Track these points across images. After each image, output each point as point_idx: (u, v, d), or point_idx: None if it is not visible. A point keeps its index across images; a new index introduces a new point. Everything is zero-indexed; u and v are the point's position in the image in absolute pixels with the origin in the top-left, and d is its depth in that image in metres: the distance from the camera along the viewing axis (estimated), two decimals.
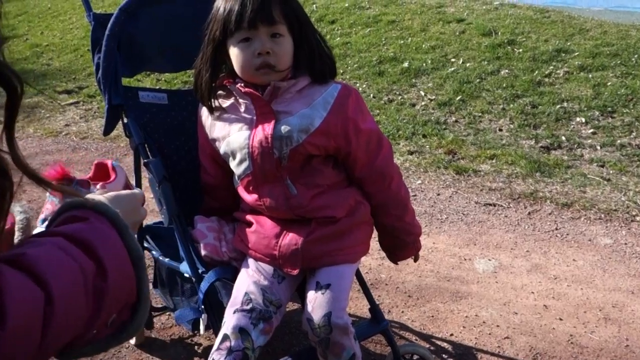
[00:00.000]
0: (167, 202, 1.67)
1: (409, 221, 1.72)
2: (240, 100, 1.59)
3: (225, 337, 1.51)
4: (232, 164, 1.62)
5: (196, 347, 2.13)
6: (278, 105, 1.56)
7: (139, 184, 2.00)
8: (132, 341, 2.13)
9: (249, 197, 1.63)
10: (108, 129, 1.80)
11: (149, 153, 1.76)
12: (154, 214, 2.98)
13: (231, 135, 1.60)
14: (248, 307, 1.53)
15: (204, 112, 1.67)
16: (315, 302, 1.52)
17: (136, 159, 1.84)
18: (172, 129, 1.85)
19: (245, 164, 1.58)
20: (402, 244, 1.76)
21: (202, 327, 1.65)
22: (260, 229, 1.62)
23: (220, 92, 1.63)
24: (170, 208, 1.67)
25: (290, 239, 1.58)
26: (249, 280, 1.59)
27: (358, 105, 1.60)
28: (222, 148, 1.62)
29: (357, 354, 1.55)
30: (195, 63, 1.63)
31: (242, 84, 1.57)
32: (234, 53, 1.54)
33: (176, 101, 1.87)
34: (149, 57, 1.85)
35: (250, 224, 1.65)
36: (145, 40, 1.80)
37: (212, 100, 1.62)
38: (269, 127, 1.54)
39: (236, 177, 1.64)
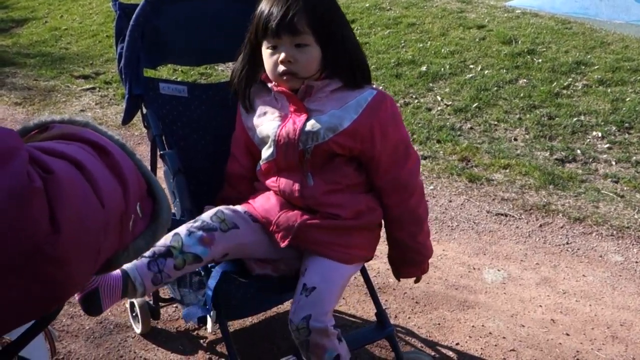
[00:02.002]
0: (181, 195, 1.67)
1: (422, 241, 1.71)
2: (277, 97, 1.63)
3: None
4: (262, 150, 1.67)
5: (201, 340, 2.14)
6: (311, 103, 1.59)
7: (154, 175, 2.01)
8: (138, 330, 2.14)
9: (267, 180, 1.67)
10: (127, 118, 1.81)
11: (165, 145, 1.76)
12: None
13: (263, 124, 1.65)
14: (192, 221, 1.58)
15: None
16: (298, 304, 1.54)
17: (153, 150, 1.85)
18: (190, 122, 1.85)
19: (270, 151, 1.63)
20: (409, 262, 1.76)
21: (209, 325, 1.66)
22: (270, 197, 1.66)
23: (259, 87, 1.68)
24: (183, 201, 1.67)
25: (292, 214, 1.61)
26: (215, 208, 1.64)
27: (392, 111, 1.61)
28: (256, 136, 1.67)
29: (343, 355, 1.56)
30: (236, 59, 1.69)
31: (276, 84, 1.61)
32: (264, 57, 1.60)
33: (196, 95, 1.87)
34: (172, 50, 1.86)
35: (262, 192, 1.69)
36: (170, 34, 1.80)
37: (247, 96, 1.68)
38: (299, 121, 1.58)
39: (260, 161, 1.67)
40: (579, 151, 3.71)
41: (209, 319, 1.63)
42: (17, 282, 0.50)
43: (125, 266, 1.51)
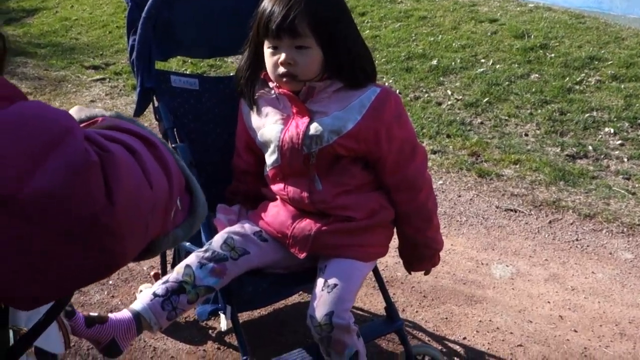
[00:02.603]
0: None
1: (431, 235, 1.72)
2: (279, 97, 1.61)
3: (171, 273, 1.57)
4: (266, 154, 1.65)
5: (210, 330, 2.15)
6: (314, 105, 1.57)
7: None
8: None
9: (275, 186, 1.66)
10: (139, 111, 1.82)
11: (177, 138, 1.77)
12: None
13: (265, 127, 1.64)
14: (203, 249, 1.58)
15: (244, 101, 1.71)
16: (319, 301, 1.54)
17: None
18: (201, 115, 1.86)
19: (274, 156, 1.61)
20: (419, 256, 1.76)
21: (223, 323, 1.67)
22: (280, 209, 1.65)
23: (261, 85, 1.65)
24: None
25: (306, 224, 1.61)
26: (224, 231, 1.64)
27: (397, 110, 1.59)
28: (257, 138, 1.66)
29: (361, 352, 1.57)
30: (240, 58, 1.68)
31: (277, 85, 1.60)
32: (265, 56, 1.58)
33: (207, 87, 1.88)
34: (183, 42, 1.86)
35: (272, 200, 1.69)
36: (181, 26, 1.81)
37: (251, 95, 1.66)
38: (302, 125, 1.56)
39: (266, 166, 1.67)
40: (590, 147, 3.69)
41: (222, 317, 1.65)
42: (76, 248, 0.55)
43: (139, 308, 1.53)
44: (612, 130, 3.85)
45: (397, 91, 4.59)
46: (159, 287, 1.54)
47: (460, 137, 3.87)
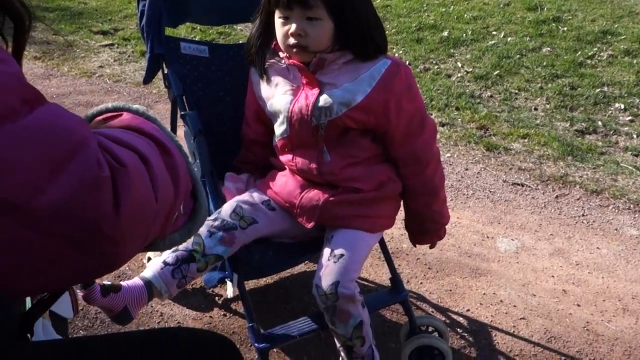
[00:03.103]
0: (201, 156, 1.68)
1: (437, 209, 1.72)
2: (289, 68, 1.60)
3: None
4: (275, 125, 1.65)
5: (216, 297, 2.18)
6: (324, 76, 1.56)
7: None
8: None
9: (283, 157, 1.67)
10: (148, 78, 1.81)
11: (186, 105, 1.77)
12: None
13: (275, 97, 1.63)
14: (212, 217, 1.59)
15: (254, 70, 1.69)
16: (326, 270, 1.55)
17: (173, 111, 1.86)
18: (211, 83, 1.85)
19: (283, 127, 1.61)
20: (425, 230, 1.77)
21: (230, 290, 1.69)
22: (289, 179, 1.66)
23: (272, 55, 1.64)
24: (203, 162, 1.68)
25: (313, 194, 1.62)
26: (233, 200, 1.65)
27: (407, 82, 1.58)
28: (267, 108, 1.65)
29: (365, 320, 1.58)
30: (251, 26, 1.65)
31: (287, 55, 1.58)
32: (276, 26, 1.56)
33: (217, 55, 1.87)
34: (193, 9, 1.85)
35: (281, 170, 1.70)
36: None
37: (261, 65, 1.64)
38: (311, 96, 1.55)
39: (275, 136, 1.67)
40: (600, 123, 3.67)
41: (229, 284, 1.67)
42: (78, 253, 0.57)
43: (149, 276, 1.55)
44: (622, 106, 3.82)
45: (407, 62, 4.55)
46: (169, 255, 1.56)
47: (469, 110, 3.85)
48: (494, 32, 4.86)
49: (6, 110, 0.53)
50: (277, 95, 1.63)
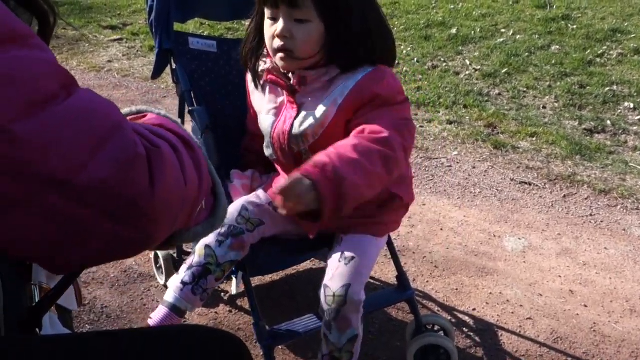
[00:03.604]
0: (209, 152, 1.68)
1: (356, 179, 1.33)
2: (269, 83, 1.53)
3: (192, 255, 1.59)
4: (264, 144, 1.61)
5: (222, 293, 2.18)
6: (304, 96, 1.47)
7: None
8: (162, 281, 2.19)
9: (281, 173, 1.64)
10: (156, 73, 1.81)
11: (194, 101, 1.76)
12: None
13: (262, 114, 1.57)
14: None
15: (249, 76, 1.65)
16: (337, 271, 1.51)
17: (181, 106, 1.86)
18: (219, 78, 1.85)
19: (270, 150, 1.58)
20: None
21: (234, 288, 1.69)
22: None
23: (263, 61, 1.55)
24: (211, 157, 1.68)
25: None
26: (239, 201, 1.62)
27: (389, 91, 1.40)
28: (259, 121, 1.61)
29: (360, 336, 1.53)
30: (247, 27, 1.57)
31: (273, 67, 1.48)
32: (265, 27, 1.45)
33: (225, 50, 1.87)
34: (202, 4, 1.84)
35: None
36: None
37: (254, 70, 1.56)
38: (288, 122, 1.48)
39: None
40: (609, 122, 3.64)
41: (234, 281, 1.67)
42: (116, 226, 0.62)
43: (172, 300, 1.58)
44: (631, 105, 3.80)
45: (415, 59, 4.53)
46: (185, 274, 1.56)
47: (477, 108, 3.84)
48: (503, 30, 4.84)
49: (48, 94, 0.57)
50: (264, 112, 1.55)
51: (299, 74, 1.43)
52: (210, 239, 1.56)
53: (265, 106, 1.56)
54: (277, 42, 1.39)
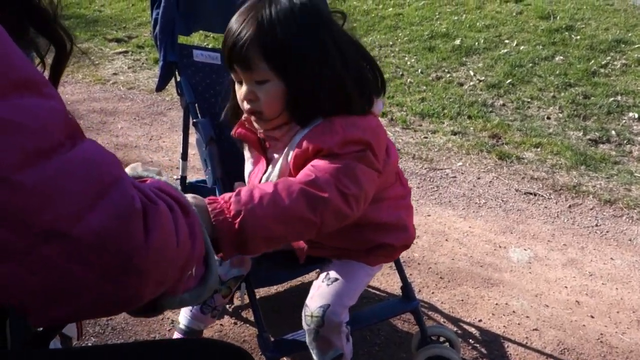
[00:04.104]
0: (212, 164, 1.69)
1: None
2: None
3: None
4: None
5: (227, 305, 2.18)
6: (272, 152, 1.44)
7: (186, 143, 2.03)
8: None
9: None
10: (161, 85, 1.82)
11: (198, 113, 1.77)
12: (194, 171, 3.02)
13: (246, 161, 1.55)
14: None
15: None
16: (318, 291, 1.50)
17: (185, 118, 1.87)
18: (223, 90, 1.86)
19: None
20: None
21: (239, 298, 1.69)
22: None
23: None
24: (214, 169, 1.69)
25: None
26: None
27: (332, 142, 1.28)
28: None
29: (346, 355, 1.51)
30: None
31: (246, 119, 1.45)
32: (235, 91, 1.39)
33: None
34: (206, 16, 1.86)
35: None
36: (205, 0, 1.80)
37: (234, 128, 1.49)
38: (259, 176, 1.46)
39: None
40: (613, 132, 3.64)
41: (237, 293, 1.67)
42: (103, 283, 0.61)
43: (185, 322, 1.63)
44: (636, 115, 3.79)
45: (419, 70, 4.54)
46: None
47: (481, 118, 3.84)
48: (507, 41, 4.85)
49: (54, 143, 0.58)
50: (247, 159, 1.54)
51: (264, 135, 1.40)
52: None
53: (246, 151, 1.55)
54: (246, 105, 1.34)
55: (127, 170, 0.88)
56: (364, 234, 1.49)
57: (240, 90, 1.32)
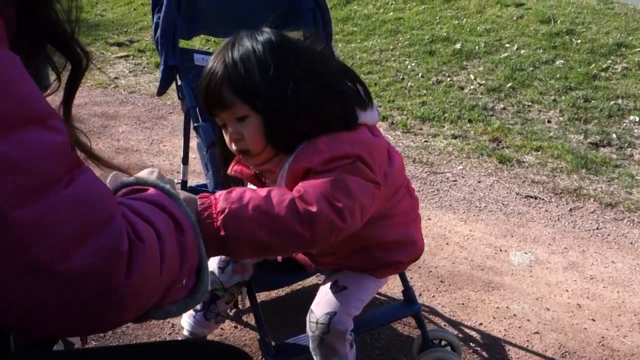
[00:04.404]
0: (213, 168, 1.69)
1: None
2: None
3: None
4: None
5: (228, 309, 2.18)
6: (270, 185, 1.42)
7: (187, 147, 2.03)
8: None
9: None
10: (162, 89, 1.83)
11: (199, 117, 1.78)
12: (195, 175, 3.02)
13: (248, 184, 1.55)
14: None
15: None
16: (325, 297, 1.50)
17: (186, 122, 1.87)
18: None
19: None
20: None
21: (240, 302, 1.69)
22: None
23: None
24: (215, 174, 1.69)
25: (305, 256, 1.60)
26: None
27: (320, 159, 1.26)
28: None
29: None
30: None
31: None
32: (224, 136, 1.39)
33: None
34: (207, 21, 1.86)
35: None
36: (206, 4, 1.80)
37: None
38: None
39: None
40: (614, 135, 3.64)
41: (239, 297, 1.67)
42: (82, 313, 0.63)
43: (189, 328, 1.64)
44: (637, 119, 3.79)
45: (420, 75, 4.55)
46: None
47: (481, 122, 3.84)
48: (507, 45, 4.86)
49: (53, 179, 0.59)
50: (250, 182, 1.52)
51: (256, 170, 1.41)
52: (212, 266, 1.58)
53: (250, 186, 1.53)
54: (233, 147, 1.34)
55: (144, 173, 0.88)
56: (372, 254, 1.48)
57: (227, 134, 1.33)
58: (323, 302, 1.48)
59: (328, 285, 1.53)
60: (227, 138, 1.34)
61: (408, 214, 1.52)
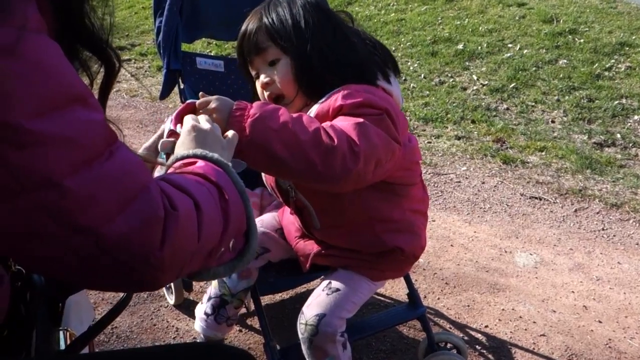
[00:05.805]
0: None
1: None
2: None
3: (210, 284, 1.68)
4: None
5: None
6: None
7: None
8: (171, 301, 2.18)
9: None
10: (165, 93, 1.82)
11: None
12: None
13: None
14: None
15: None
16: (316, 299, 1.50)
17: None
18: (227, 97, 1.85)
19: (269, 188, 1.59)
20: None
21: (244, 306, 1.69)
22: (290, 221, 1.65)
23: None
24: None
25: (307, 244, 1.60)
26: None
27: (352, 99, 1.29)
28: None
29: None
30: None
31: None
32: (257, 89, 1.44)
33: (233, 69, 1.87)
34: (209, 24, 1.86)
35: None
36: (207, 7, 1.80)
37: None
38: None
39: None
40: (618, 135, 3.62)
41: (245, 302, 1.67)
42: (125, 272, 0.68)
43: (204, 333, 1.69)
44: None
45: (422, 75, 4.54)
46: (206, 305, 1.67)
47: (485, 122, 3.83)
48: (510, 45, 4.84)
49: (95, 152, 0.66)
50: None
51: None
52: None
53: None
54: (265, 94, 1.38)
55: (183, 152, 0.91)
56: (375, 232, 1.47)
57: (258, 82, 1.39)
58: (314, 303, 1.48)
59: (322, 287, 1.53)
60: (258, 86, 1.39)
61: (418, 204, 1.54)
